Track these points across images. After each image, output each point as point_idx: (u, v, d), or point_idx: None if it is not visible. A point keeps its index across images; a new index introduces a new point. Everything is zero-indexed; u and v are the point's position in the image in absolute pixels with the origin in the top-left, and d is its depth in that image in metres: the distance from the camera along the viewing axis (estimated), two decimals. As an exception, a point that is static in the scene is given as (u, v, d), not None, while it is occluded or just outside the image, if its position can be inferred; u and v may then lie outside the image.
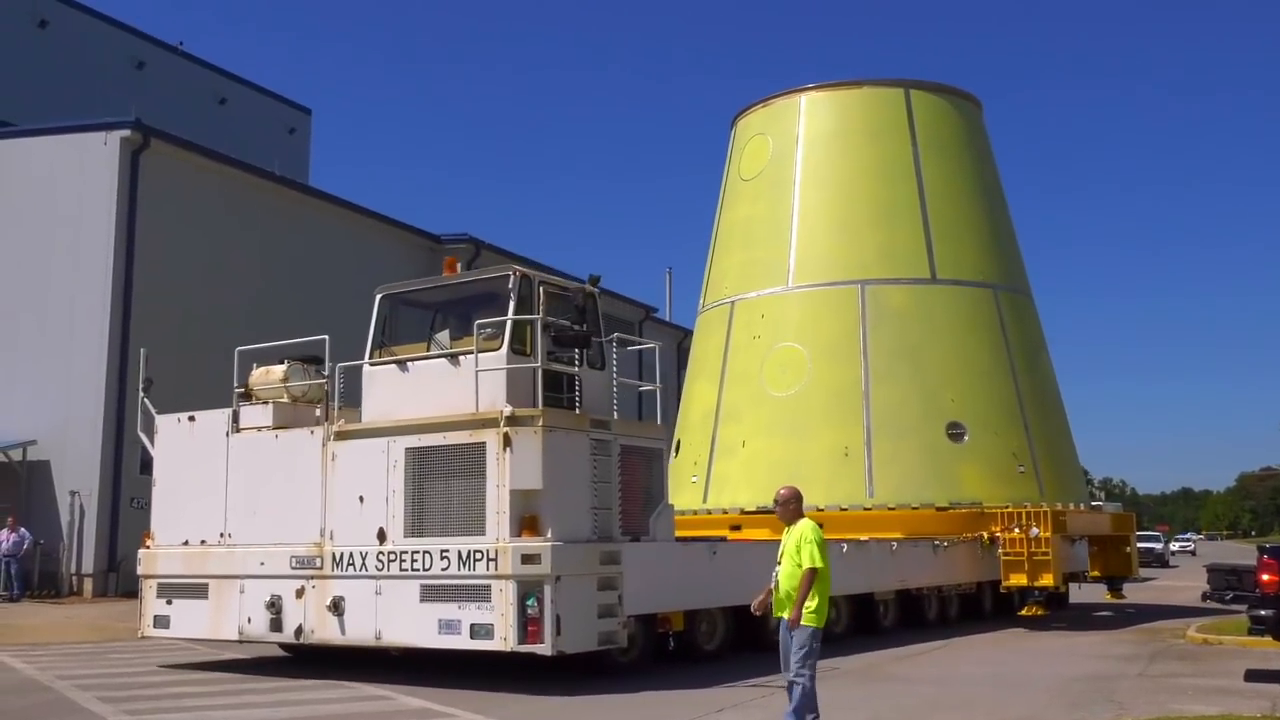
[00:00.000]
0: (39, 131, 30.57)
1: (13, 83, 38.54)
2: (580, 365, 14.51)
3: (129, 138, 27.52)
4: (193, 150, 29.77)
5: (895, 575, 19.94)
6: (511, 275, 14.06)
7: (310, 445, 14.51)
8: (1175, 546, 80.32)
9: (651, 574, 14.18)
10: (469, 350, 13.69)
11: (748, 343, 24.92)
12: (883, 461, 23.00)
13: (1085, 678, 14.44)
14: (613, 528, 13.76)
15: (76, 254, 27.91)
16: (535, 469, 12.91)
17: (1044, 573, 21.82)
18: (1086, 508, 25.02)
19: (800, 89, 26.26)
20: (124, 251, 27.43)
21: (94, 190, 27.80)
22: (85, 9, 42.23)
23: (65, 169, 28.65)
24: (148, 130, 28.00)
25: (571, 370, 14.02)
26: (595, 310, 14.95)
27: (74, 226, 28.02)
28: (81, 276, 27.69)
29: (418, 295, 15.27)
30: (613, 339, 15.06)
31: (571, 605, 12.85)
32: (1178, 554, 75.09)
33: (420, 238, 36.35)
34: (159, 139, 28.33)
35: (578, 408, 14.21)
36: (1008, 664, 16.05)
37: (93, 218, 27.70)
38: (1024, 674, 14.84)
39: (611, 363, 15.06)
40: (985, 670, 15.38)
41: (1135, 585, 36.64)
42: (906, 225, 24.61)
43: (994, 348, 24.28)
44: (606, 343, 14.78)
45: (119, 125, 27.92)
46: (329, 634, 14.01)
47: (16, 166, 29.75)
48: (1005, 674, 14.91)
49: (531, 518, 12.91)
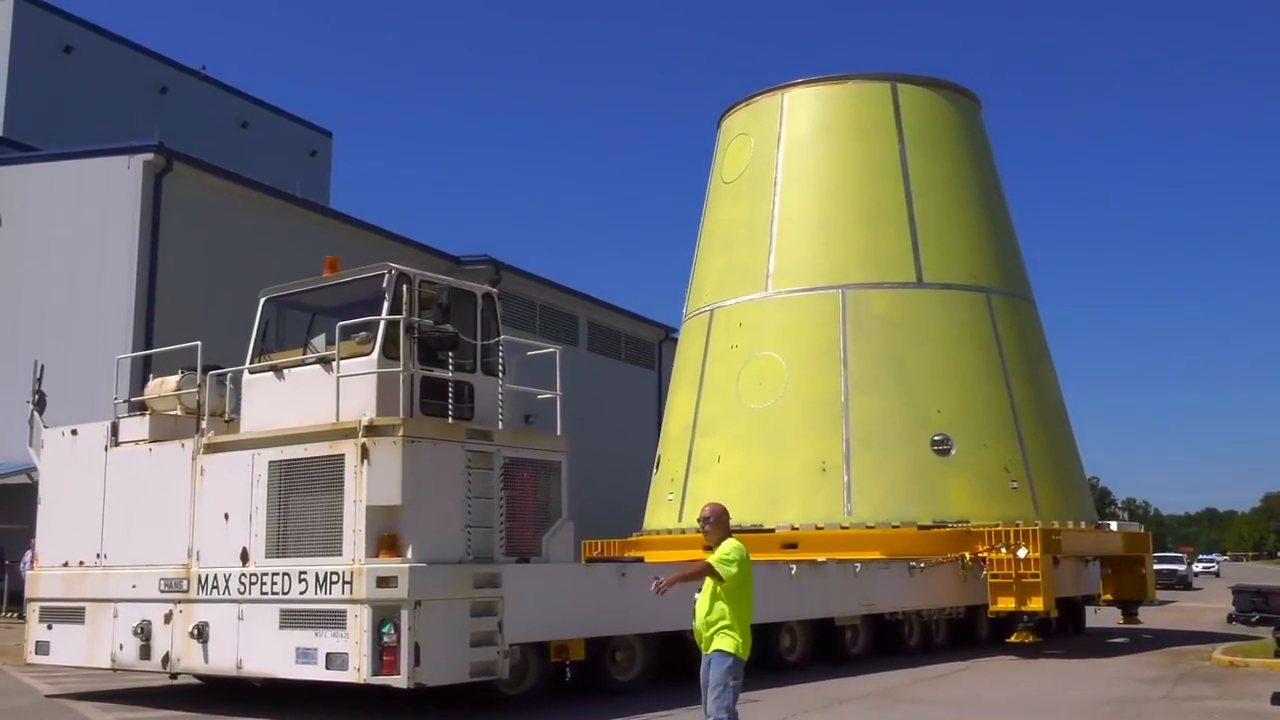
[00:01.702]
0: (64, 155, 30.75)
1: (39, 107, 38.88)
2: (475, 371, 13.42)
3: (152, 161, 27.59)
4: (215, 173, 29.79)
5: (860, 599, 18.49)
6: (386, 274, 13.00)
7: (182, 460, 13.55)
8: (1198, 568, 78.76)
9: (543, 598, 12.99)
10: (330, 356, 12.67)
11: (725, 352, 23.64)
12: (862, 477, 21.55)
13: (1111, 701, 14.37)
14: (493, 547, 12.60)
15: (100, 277, 27.77)
16: (394, 483, 11.81)
17: (1033, 596, 20.21)
18: (1091, 526, 23.29)
19: (784, 85, 24.94)
20: (147, 274, 27.31)
21: (117, 213, 27.80)
22: (110, 35, 42.53)
23: (90, 192, 28.69)
24: (170, 154, 28.07)
25: (450, 376, 12.85)
26: (492, 312, 13.90)
27: (98, 249, 27.99)
28: (105, 299, 27.49)
29: (300, 298, 14.28)
30: (530, 343, 13.93)
31: (435, 633, 11.70)
32: (1201, 575, 73.63)
33: (440, 259, 36.00)
34: (182, 162, 28.42)
35: (471, 417, 13.11)
36: (1031, 687, 15.83)
37: (116, 240, 27.64)
38: (1048, 697, 14.68)
39: (511, 368, 13.95)
40: (1008, 693, 15.20)
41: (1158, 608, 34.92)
42: (891, 226, 23.17)
43: (986, 355, 22.73)
44: (489, 345, 13.61)
45: (142, 149, 28.02)
46: (194, 662, 13.02)
47: (42, 190, 29.87)
48: (1029, 696, 14.79)
49: (391, 536, 11.80)
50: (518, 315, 37.76)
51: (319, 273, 13.23)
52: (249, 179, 31.03)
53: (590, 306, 40.93)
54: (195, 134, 39.48)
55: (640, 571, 14.67)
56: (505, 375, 13.93)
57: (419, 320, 12.50)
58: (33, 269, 29.18)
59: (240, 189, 29.90)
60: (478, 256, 36.41)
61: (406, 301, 12.62)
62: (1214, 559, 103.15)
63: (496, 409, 13.66)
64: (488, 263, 36.11)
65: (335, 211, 35.43)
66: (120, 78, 41.42)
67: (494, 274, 35.92)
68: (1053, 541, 20.69)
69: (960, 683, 16.53)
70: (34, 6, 39.76)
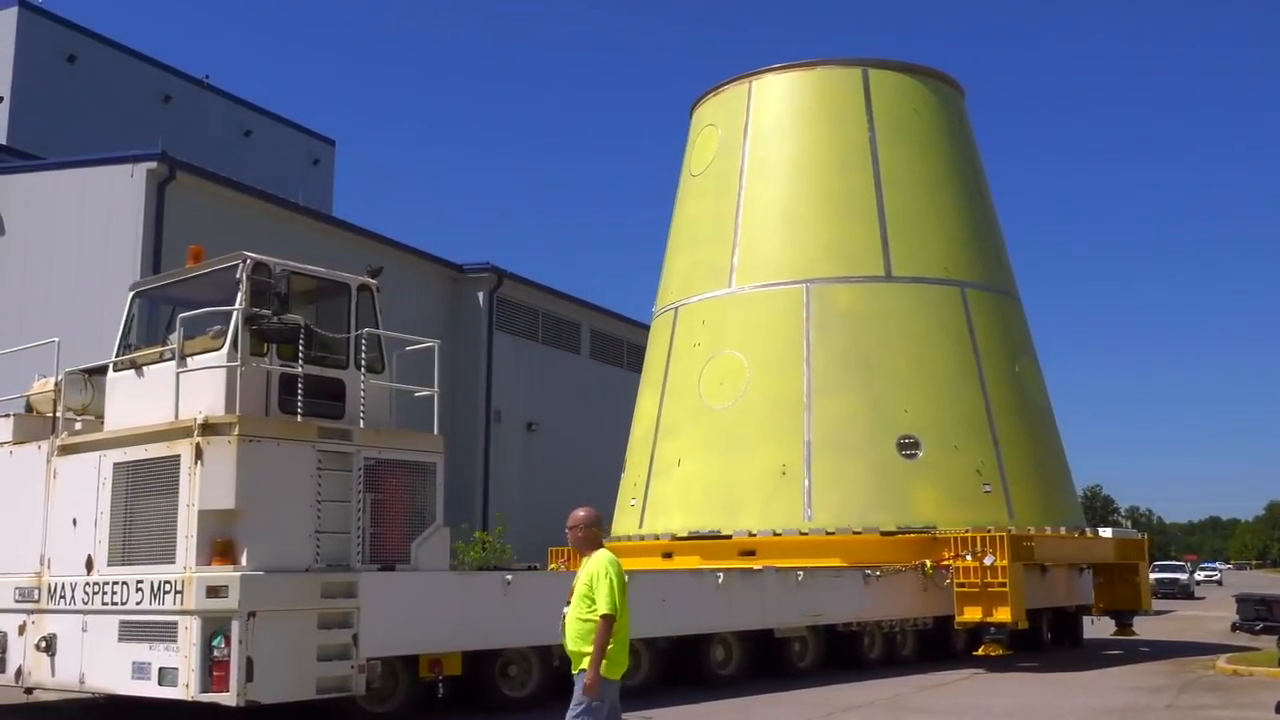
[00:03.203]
0: (67, 164, 30.51)
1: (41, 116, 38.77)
2: (350, 368, 12.62)
3: (155, 170, 27.20)
4: (218, 182, 29.53)
5: (804, 609, 17.42)
6: (240, 264, 12.23)
7: (38, 462, 12.87)
8: (1201, 576, 76.84)
9: (410, 609, 12.15)
10: (185, 351, 11.92)
11: (688, 351, 22.67)
12: (823, 481, 20.47)
13: (1114, 710, 14.36)
14: (349, 554, 11.76)
15: (103, 285, 27.51)
16: (228, 486, 11.02)
17: (1000, 606, 19.03)
18: (1075, 532, 21.98)
19: (752, 73, 23.93)
20: None
21: (121, 221, 27.50)
22: (113, 44, 42.41)
23: (93, 201, 28.41)
24: (173, 162, 27.79)
25: (299, 371, 11.99)
26: (370, 305, 13.09)
27: (100, 258, 27.73)
28: (107, 307, 27.25)
29: (166, 291, 13.55)
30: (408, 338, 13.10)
31: (273, 646, 10.90)
32: (1203, 584, 71.75)
33: (443, 268, 35.55)
34: (185, 171, 28.11)
35: (341, 416, 12.31)
36: (1034, 696, 15.71)
37: (119, 249, 27.35)
38: (1052, 706, 14.69)
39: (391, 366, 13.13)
40: (1012, 702, 15.11)
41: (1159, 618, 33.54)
42: (859, 218, 22.06)
43: (959, 352, 21.54)
44: (367, 340, 12.78)
45: (145, 157, 27.63)
46: (42, 676, 12.30)
47: (45, 198, 29.71)
48: (1033, 706, 14.71)
49: (225, 543, 11.02)
50: (520, 323, 37.20)
51: None
52: (252, 187, 30.78)
53: (592, 314, 40.18)
54: (198, 142, 39.35)
55: (530, 580, 13.81)
56: (386, 371, 13.13)
57: (260, 311, 11.69)
58: (36, 277, 28.99)
59: (243, 197, 29.65)
60: (480, 264, 35.81)
61: (246, 292, 11.83)
62: (1216, 567, 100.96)
63: (381, 408, 12.87)
64: (490, 270, 35.50)
65: (338, 220, 35.07)
66: (124, 86, 41.26)
67: (496, 282, 35.43)
68: (1024, 548, 19.50)
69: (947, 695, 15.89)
70: (38, 15, 39.71)
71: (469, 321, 35.43)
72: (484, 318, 35.50)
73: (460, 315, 35.50)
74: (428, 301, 34.56)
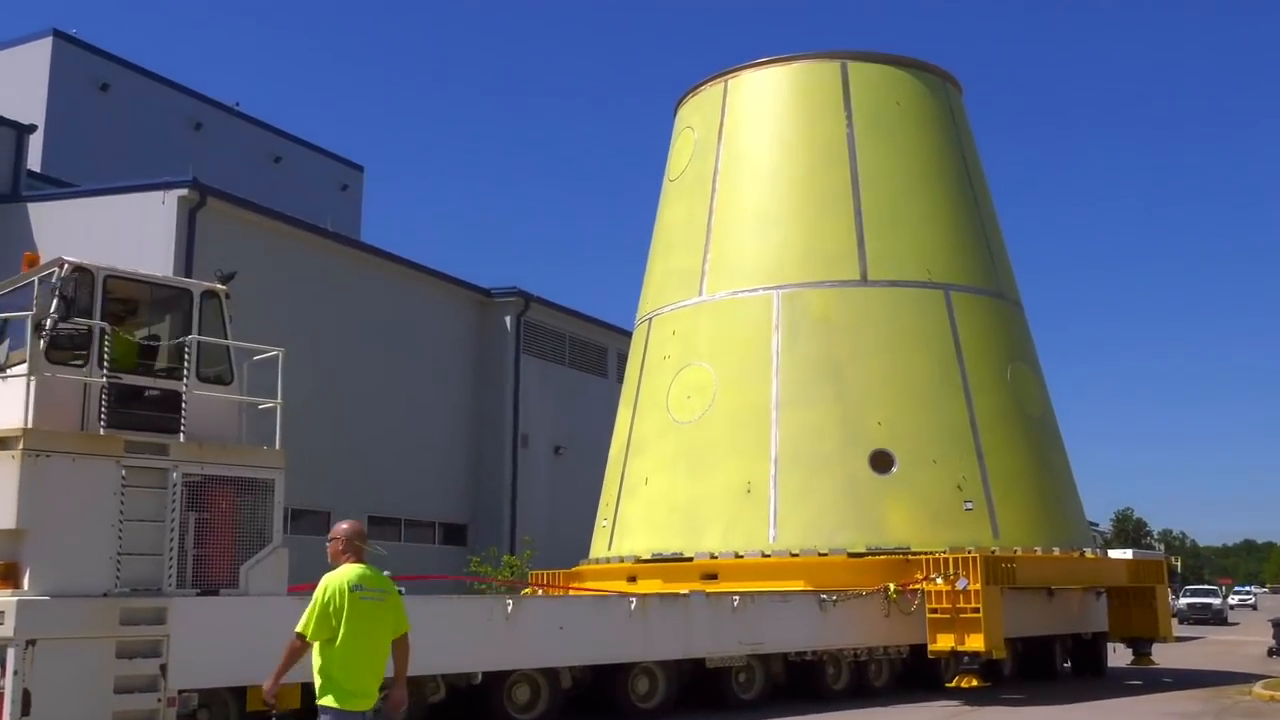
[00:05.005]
0: (100, 191, 30.94)
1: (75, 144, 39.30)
2: (189, 378, 11.83)
3: (186, 196, 27.45)
4: (248, 208, 29.77)
5: (741, 637, 16.11)
6: (56, 269, 11.51)
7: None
8: (1234, 600, 73.09)
9: (234, 636, 11.24)
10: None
11: (659, 364, 21.54)
12: (790, 499, 19.15)
13: None
14: (160, 578, 10.92)
15: None
16: (9, 504, 10.26)
17: (973, 633, 17.51)
18: (1074, 553, 20.25)
19: (728, 71, 22.76)
20: None
21: (152, 248, 27.68)
22: (145, 72, 42.94)
23: (125, 227, 28.69)
24: (205, 189, 28.05)
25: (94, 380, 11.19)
26: (217, 313, 12.32)
27: None
28: None
29: (3, 300, 12.89)
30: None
31: (58, 677, 10.09)
32: (1237, 608, 68.69)
33: (471, 292, 35.31)
34: (216, 197, 28.38)
35: (177, 429, 11.52)
36: None
37: None
38: None
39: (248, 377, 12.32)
40: None
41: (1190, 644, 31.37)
42: (834, 218, 20.72)
43: (940, 359, 20.05)
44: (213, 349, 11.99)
45: (177, 184, 27.91)
46: None
47: (79, 226, 30.06)
48: None
49: (8, 565, 10.26)
50: (547, 346, 36.68)
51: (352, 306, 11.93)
52: (282, 213, 30.96)
53: (619, 337, 39.35)
54: (229, 169, 39.57)
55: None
56: (237, 383, 12.32)
57: (51, 317, 10.93)
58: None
59: (273, 223, 29.84)
60: (507, 288, 35.57)
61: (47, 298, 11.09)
62: (1251, 591, 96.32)
63: (226, 421, 12.06)
64: (517, 294, 35.25)
65: (367, 245, 35.03)
66: (156, 114, 41.71)
67: (523, 305, 35.19)
68: (1003, 570, 17.95)
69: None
70: (72, 45, 40.29)
71: (496, 345, 35.12)
72: (511, 341, 35.15)
73: (488, 339, 35.25)
74: (455, 326, 34.44)
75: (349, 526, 7.40)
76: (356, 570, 7.15)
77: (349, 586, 7.01)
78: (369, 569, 7.23)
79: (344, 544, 7.27)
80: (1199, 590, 54.39)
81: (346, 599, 6.96)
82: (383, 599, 7.16)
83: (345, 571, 7.10)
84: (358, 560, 7.26)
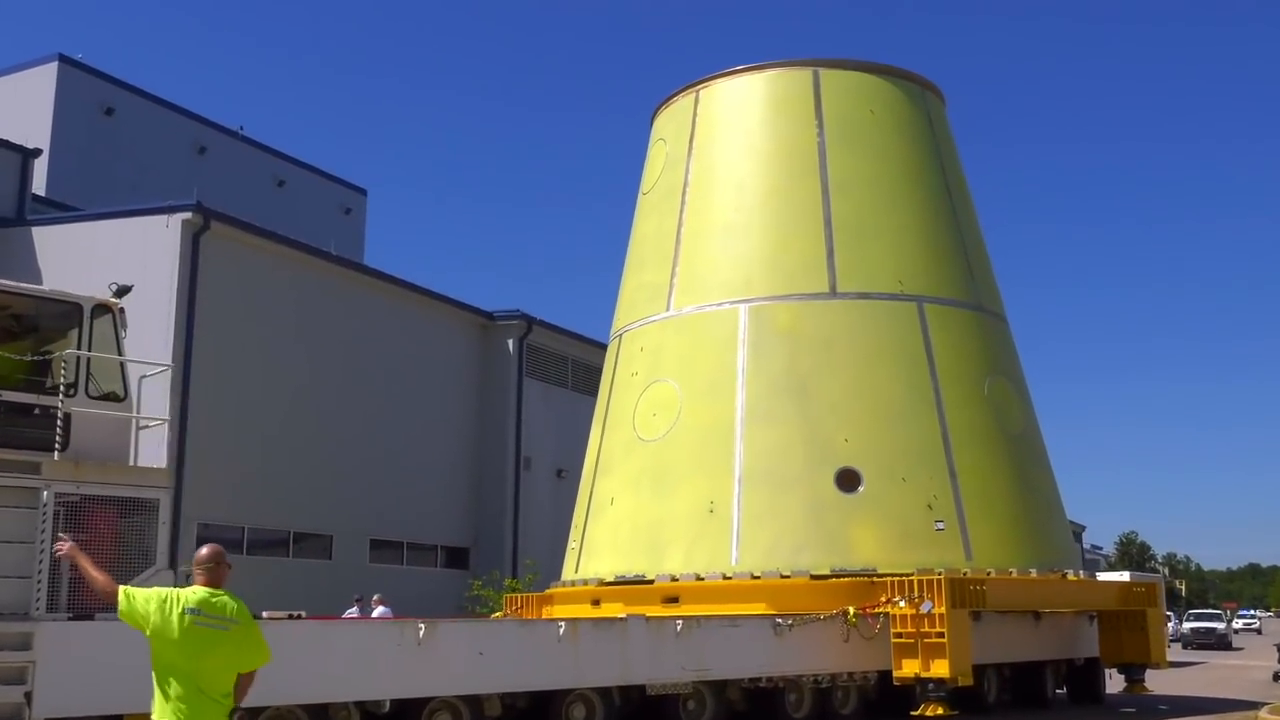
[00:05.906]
0: (104, 215, 31.10)
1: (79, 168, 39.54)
2: (75, 395, 11.44)
3: (190, 220, 27.52)
4: (252, 232, 29.86)
5: (684, 663, 15.44)
6: (-69, 282, 11.20)
7: None
8: (1239, 625, 71.20)
9: (110, 663, 10.77)
10: None
11: (627, 381, 20.99)
12: (753, 519, 18.50)
13: None
14: (28, 601, 10.50)
15: (139, 334, 27.58)
16: None
17: (937, 659, 16.75)
18: (1055, 574, 19.41)
19: (700, 81, 22.23)
20: (184, 331, 27.06)
21: (156, 271, 27.76)
22: (150, 96, 43.19)
23: (129, 251, 28.77)
24: (208, 213, 28.14)
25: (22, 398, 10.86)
26: (110, 328, 11.96)
27: (137, 306, 27.84)
28: (143, 356, 27.33)
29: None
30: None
31: (-95, 706, 9.69)
32: (1242, 633, 66.82)
33: (473, 315, 35.17)
34: (219, 221, 28.44)
35: (65, 447, 11.14)
36: None
37: (155, 298, 27.56)
38: None
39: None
40: None
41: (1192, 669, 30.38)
42: (802, 229, 20.10)
43: (911, 374, 19.33)
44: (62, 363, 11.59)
45: (181, 208, 28.02)
46: None
47: (83, 249, 30.15)
48: None
49: None
50: (549, 370, 36.40)
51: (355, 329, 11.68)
52: (285, 237, 31.02)
53: (622, 362, 39.10)
54: (233, 193, 39.63)
55: (286, 631, 12.32)
56: (128, 399, 11.93)
57: None
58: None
59: (276, 247, 29.90)
60: (509, 311, 35.41)
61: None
62: (1256, 615, 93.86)
63: (115, 439, 11.67)
64: (520, 317, 35.07)
65: (369, 268, 35.03)
66: (160, 138, 41.86)
67: (525, 329, 35.03)
68: (972, 593, 17.18)
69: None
70: (76, 69, 40.53)
71: (499, 369, 34.95)
72: (513, 364, 34.96)
73: (490, 362, 35.11)
74: (458, 349, 34.31)
75: (210, 554, 6.81)
76: (201, 593, 6.53)
77: (184, 607, 6.43)
78: (221, 595, 6.57)
79: (197, 565, 6.68)
80: (1203, 615, 53.09)
81: (174, 616, 6.35)
82: (224, 628, 6.51)
83: (191, 590, 6.49)
84: (208, 583, 6.68)
